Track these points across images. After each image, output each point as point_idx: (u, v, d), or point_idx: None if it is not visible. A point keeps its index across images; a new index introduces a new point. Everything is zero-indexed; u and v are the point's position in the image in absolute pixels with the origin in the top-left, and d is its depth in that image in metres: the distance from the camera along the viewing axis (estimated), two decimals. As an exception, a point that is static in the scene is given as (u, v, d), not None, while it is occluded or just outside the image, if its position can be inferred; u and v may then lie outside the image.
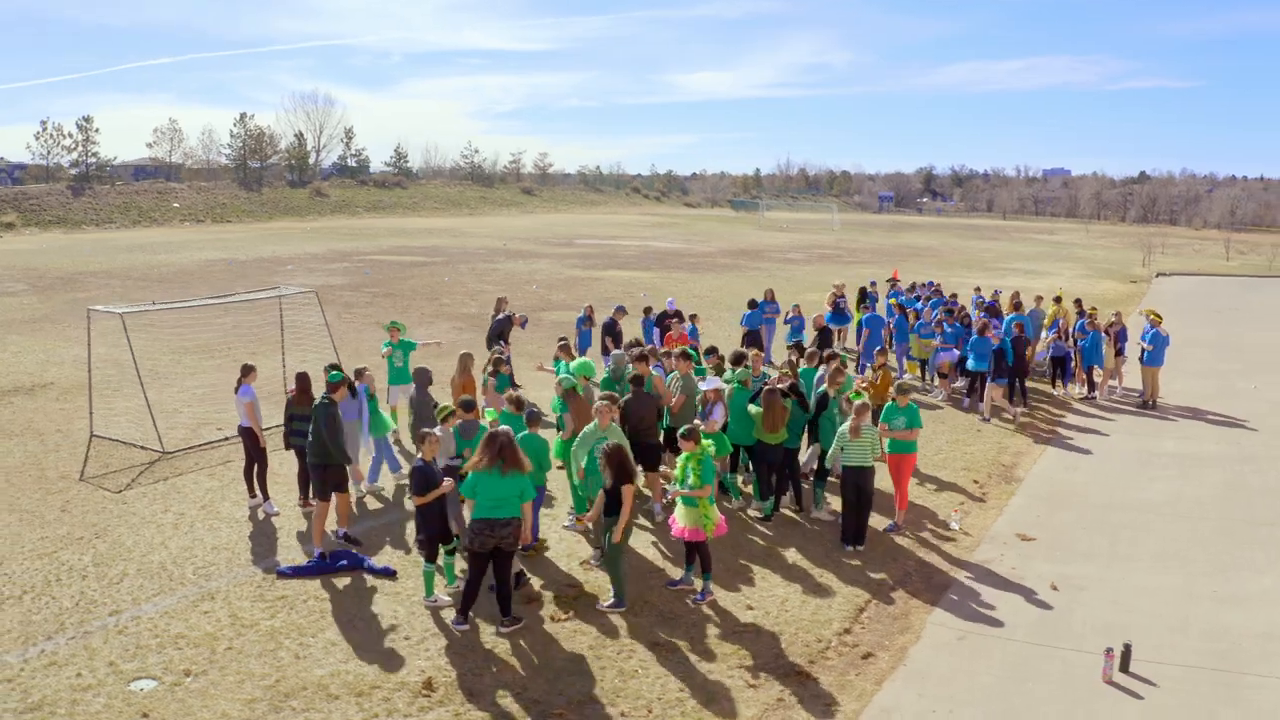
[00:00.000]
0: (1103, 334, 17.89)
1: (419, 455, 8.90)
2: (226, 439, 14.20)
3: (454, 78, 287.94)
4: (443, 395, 13.69)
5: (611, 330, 17.62)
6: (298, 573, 9.51)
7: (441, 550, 9.07)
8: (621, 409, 11.15)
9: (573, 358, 13.50)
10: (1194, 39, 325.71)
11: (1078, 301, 20.21)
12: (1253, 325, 28.66)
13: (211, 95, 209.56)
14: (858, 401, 10.73)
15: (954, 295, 21.55)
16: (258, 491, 11.50)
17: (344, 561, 9.65)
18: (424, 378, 12.00)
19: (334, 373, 10.41)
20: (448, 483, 8.79)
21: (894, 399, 11.00)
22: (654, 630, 8.60)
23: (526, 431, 9.66)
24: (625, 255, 49.34)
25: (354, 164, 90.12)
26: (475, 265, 41.23)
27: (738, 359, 12.82)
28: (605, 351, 17.51)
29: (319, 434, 9.76)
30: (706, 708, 7.45)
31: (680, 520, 9.16)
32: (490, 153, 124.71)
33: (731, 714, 7.38)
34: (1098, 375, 18.06)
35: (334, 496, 10.08)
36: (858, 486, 10.57)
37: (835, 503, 11.84)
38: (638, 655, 8.17)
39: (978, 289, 24.22)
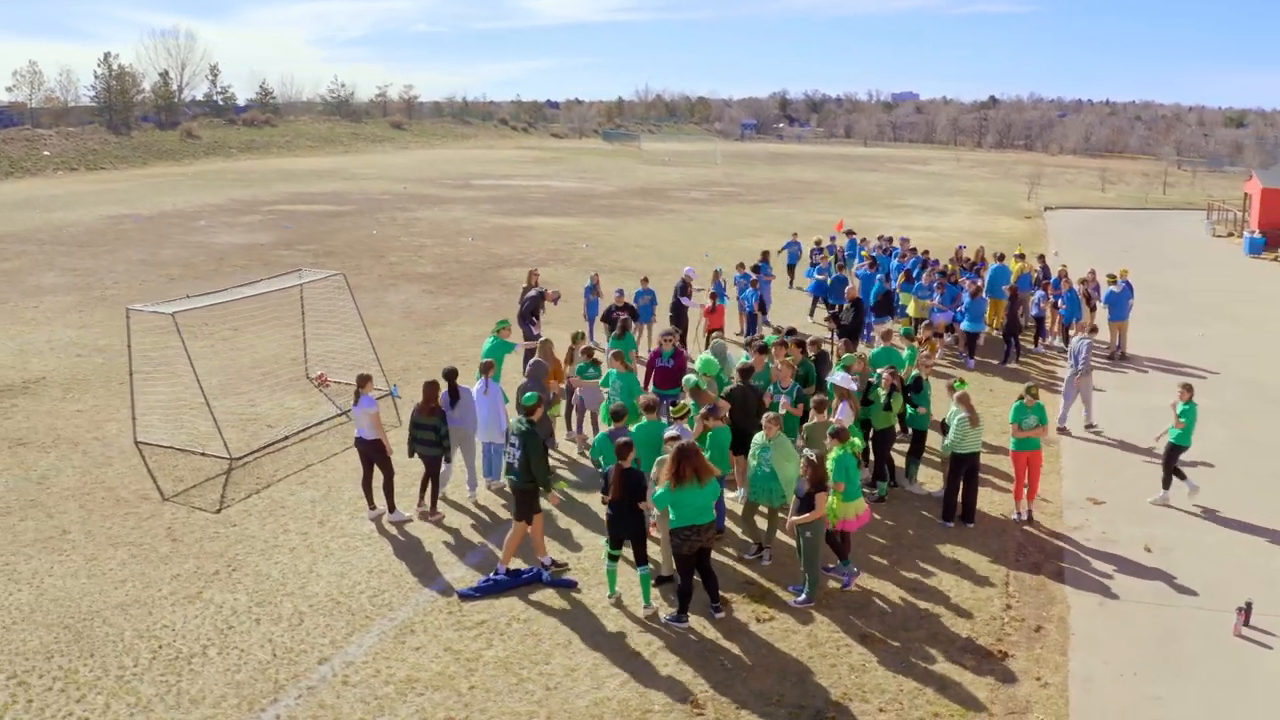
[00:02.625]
0: (1077, 291, 19.45)
1: (620, 462, 9.03)
2: (286, 438, 13.72)
3: (296, 4, 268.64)
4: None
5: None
6: (480, 592, 9.56)
7: (608, 552, 9.39)
8: (726, 397, 11.58)
9: (627, 367, 12.40)
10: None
11: (1041, 257, 21.74)
12: (1161, 264, 31.13)
13: (42, 29, 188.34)
14: (960, 391, 11.47)
15: (926, 252, 22.69)
16: (378, 503, 11.28)
17: (524, 576, 9.76)
18: (539, 370, 11.97)
19: (529, 394, 10.23)
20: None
21: (1022, 398, 11.62)
22: (851, 622, 9.24)
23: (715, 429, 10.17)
24: (534, 198, 48.64)
25: (220, 101, 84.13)
26: (393, 215, 39.76)
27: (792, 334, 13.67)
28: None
29: (524, 458, 9.58)
30: (944, 695, 8.18)
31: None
32: (349, 84, 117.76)
33: (969, 699, 8.14)
34: (1072, 330, 19.63)
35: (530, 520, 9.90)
36: (971, 470, 11.43)
37: (923, 476, 12.75)
38: (855, 649, 8.80)
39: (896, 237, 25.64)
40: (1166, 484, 12.20)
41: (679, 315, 18.50)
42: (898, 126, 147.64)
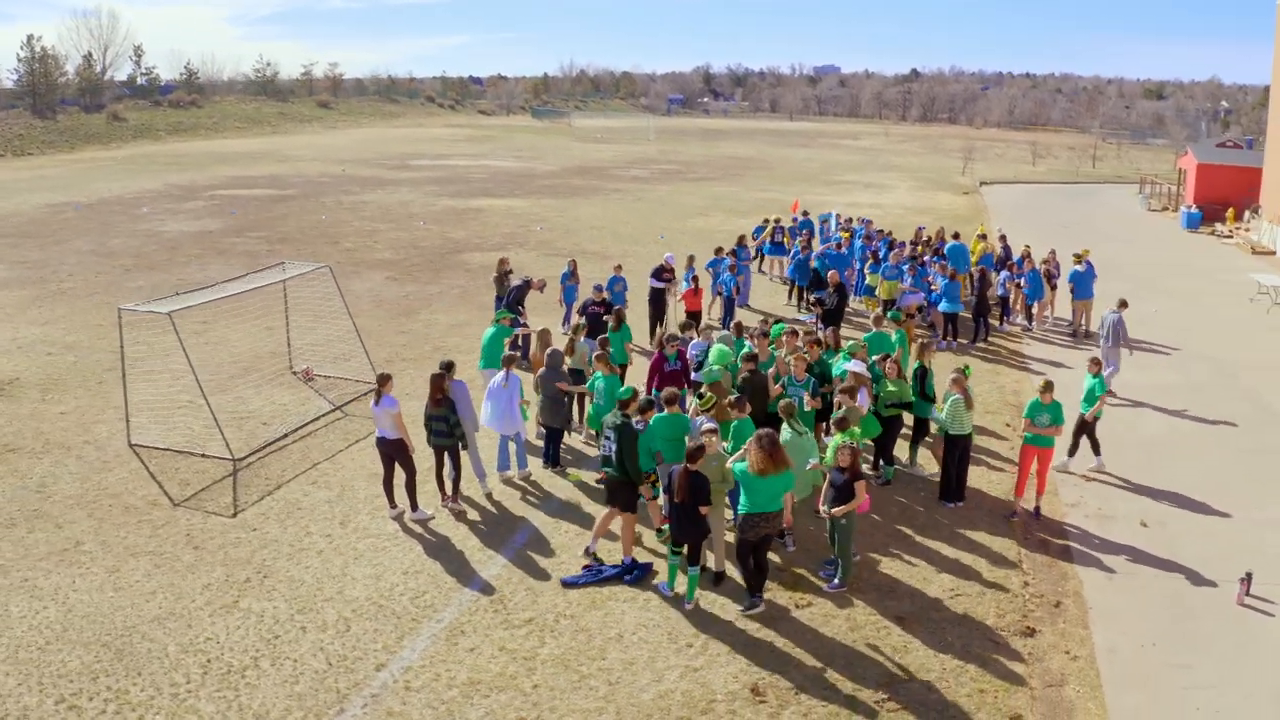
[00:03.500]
0: (1040, 272, 20.20)
1: (687, 464, 9.12)
2: (285, 436, 13.49)
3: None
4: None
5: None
6: (586, 582, 9.80)
7: (670, 548, 9.60)
8: (742, 387, 11.83)
9: (611, 369, 12.23)
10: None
11: (1003, 237, 22.46)
12: (1099, 239, 32.05)
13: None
14: (955, 375, 11.86)
15: (890, 232, 23.23)
16: (399, 501, 11.22)
17: (620, 570, 9.94)
18: (556, 359, 12.02)
19: (625, 389, 10.33)
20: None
21: (1039, 395, 11.80)
22: (885, 604, 9.60)
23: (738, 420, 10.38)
24: (476, 179, 48.04)
25: (144, 83, 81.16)
26: (339, 198, 38.85)
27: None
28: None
29: (620, 451, 9.69)
30: (985, 671, 8.59)
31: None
32: (273, 63, 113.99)
33: (1009, 674, 8.57)
34: (1035, 308, 20.42)
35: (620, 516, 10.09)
36: (964, 451, 11.90)
37: (922, 459, 13.21)
38: (894, 631, 9.16)
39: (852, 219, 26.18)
40: (1072, 452, 13.09)
41: (658, 302, 18.58)
42: (822, 100, 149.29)
